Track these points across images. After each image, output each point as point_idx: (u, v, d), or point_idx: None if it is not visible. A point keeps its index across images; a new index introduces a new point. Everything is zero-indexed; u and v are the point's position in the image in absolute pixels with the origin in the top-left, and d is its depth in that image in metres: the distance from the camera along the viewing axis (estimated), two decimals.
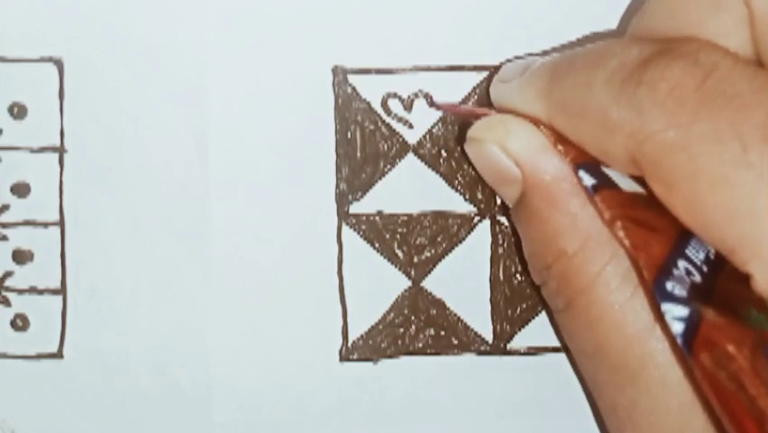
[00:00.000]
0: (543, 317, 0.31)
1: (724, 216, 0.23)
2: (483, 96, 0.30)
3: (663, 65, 0.24)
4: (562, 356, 0.30)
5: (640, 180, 0.25)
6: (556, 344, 0.31)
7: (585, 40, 0.30)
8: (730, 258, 0.23)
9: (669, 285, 0.23)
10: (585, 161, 0.26)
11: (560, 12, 0.30)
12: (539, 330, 0.31)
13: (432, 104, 0.30)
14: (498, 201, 0.31)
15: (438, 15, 0.30)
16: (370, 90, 0.30)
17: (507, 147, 0.27)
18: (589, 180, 0.25)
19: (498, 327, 0.31)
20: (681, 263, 0.24)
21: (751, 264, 0.22)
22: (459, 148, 0.30)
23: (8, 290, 0.30)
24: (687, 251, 0.24)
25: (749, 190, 0.22)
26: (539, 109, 0.26)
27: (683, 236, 0.24)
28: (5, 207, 0.30)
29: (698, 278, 0.24)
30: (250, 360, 0.30)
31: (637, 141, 0.24)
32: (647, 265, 0.24)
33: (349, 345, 0.31)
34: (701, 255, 0.24)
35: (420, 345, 0.31)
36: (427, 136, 0.30)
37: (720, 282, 0.24)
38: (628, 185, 0.25)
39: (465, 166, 0.30)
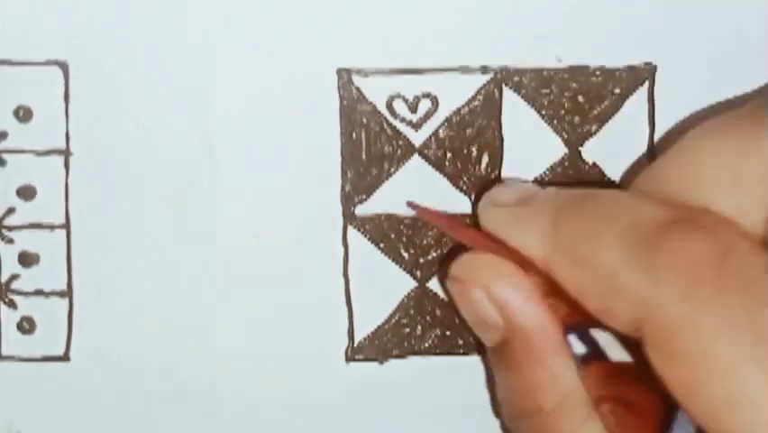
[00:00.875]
0: None
1: (724, 405, 0.22)
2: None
3: (684, 234, 0.23)
4: None
5: (630, 344, 0.24)
6: None
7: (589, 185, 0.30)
8: None
9: None
10: (574, 322, 0.25)
11: (564, 12, 0.30)
12: None
13: (414, 208, 0.30)
14: None
15: (442, 16, 0.30)
16: (375, 92, 0.30)
17: (493, 293, 0.26)
18: (579, 348, 0.25)
19: None
20: None
21: None
22: (464, 150, 0.30)
23: (14, 292, 0.30)
24: None
25: (755, 385, 0.22)
26: (538, 249, 0.26)
27: (667, 418, 0.24)
28: (11, 210, 0.30)
29: None
30: (256, 361, 0.30)
31: (646, 308, 0.23)
32: None
33: (355, 345, 0.31)
34: None
35: (426, 345, 0.31)
36: (433, 138, 0.30)
37: None
38: (616, 352, 0.25)
39: (470, 168, 0.31)
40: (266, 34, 0.30)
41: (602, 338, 0.25)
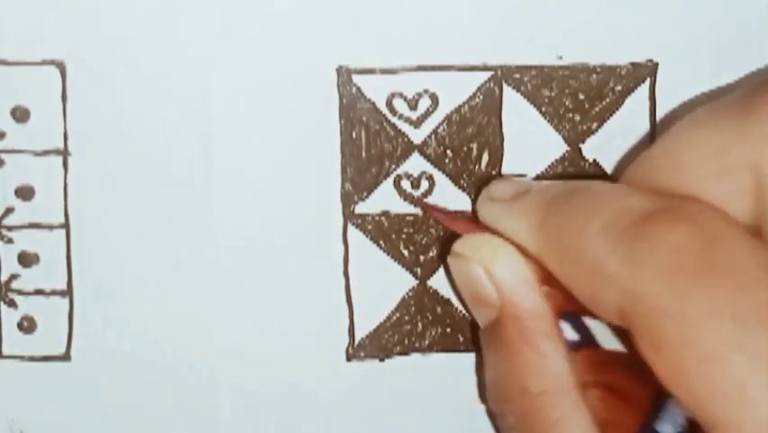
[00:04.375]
0: None
1: (709, 393, 0.22)
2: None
3: (666, 224, 0.23)
4: None
5: (622, 333, 0.25)
6: None
7: (583, 176, 0.30)
8: (709, 431, 0.22)
9: None
10: (567, 309, 0.26)
11: (564, 9, 0.30)
12: None
13: (417, 204, 0.30)
14: None
15: (442, 14, 0.30)
16: (375, 90, 0.30)
17: (492, 271, 0.27)
18: (571, 335, 0.25)
19: None
20: None
21: None
22: (464, 148, 0.30)
23: (15, 292, 0.30)
24: (658, 427, 0.24)
25: (739, 374, 0.22)
26: (530, 243, 0.26)
27: (655, 406, 0.24)
28: (10, 211, 0.30)
29: None
30: (257, 359, 0.31)
31: (630, 298, 0.23)
32: None
33: (356, 343, 0.31)
34: (671, 431, 0.24)
35: (427, 343, 0.31)
36: (432, 136, 0.30)
37: None
38: (608, 341, 0.25)
39: (471, 165, 0.30)
40: (264, 33, 0.30)
41: (596, 327, 0.26)
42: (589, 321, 0.26)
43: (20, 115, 0.30)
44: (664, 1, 0.30)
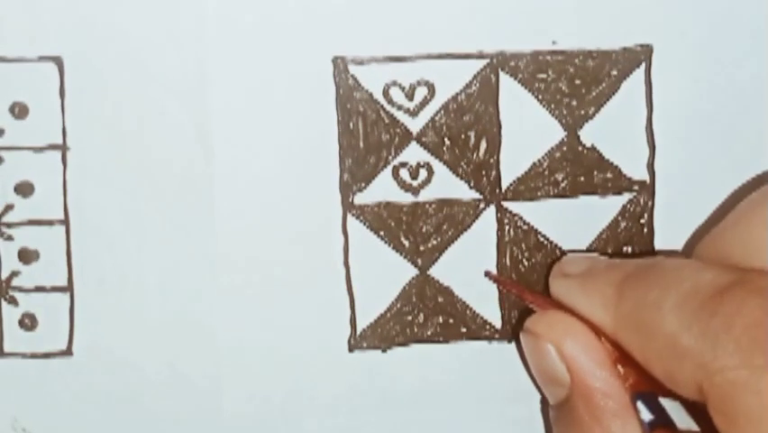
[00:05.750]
0: None
1: None
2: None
3: (740, 298, 0.24)
4: None
5: (699, 409, 0.25)
6: None
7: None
8: None
9: None
10: (643, 389, 0.26)
11: None
12: None
13: (492, 279, 0.31)
14: (503, 188, 0.31)
15: (437, 3, 0.30)
16: (372, 80, 0.30)
17: (563, 350, 0.27)
18: (646, 415, 0.25)
19: (507, 313, 0.31)
20: None
21: None
22: (462, 135, 0.30)
23: (15, 289, 0.30)
24: None
25: None
26: (605, 320, 0.27)
27: None
28: (10, 207, 0.30)
29: None
30: (259, 352, 0.30)
31: (707, 372, 0.24)
32: None
33: (357, 334, 0.31)
34: None
35: (429, 332, 0.31)
36: (430, 125, 0.30)
37: None
38: (684, 421, 0.25)
39: (469, 153, 0.30)
40: (260, 25, 0.30)
41: (671, 408, 0.26)
42: (664, 402, 0.26)
43: (18, 111, 0.30)
44: None
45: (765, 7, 0.30)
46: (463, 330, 0.31)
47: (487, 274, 0.31)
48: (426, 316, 0.31)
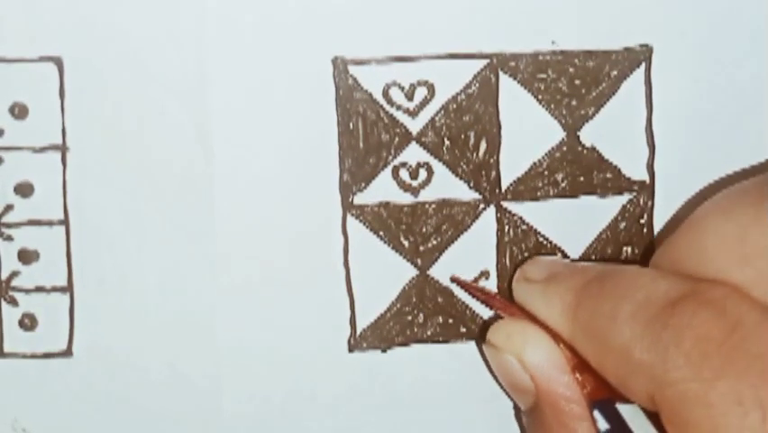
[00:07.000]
0: None
1: None
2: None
3: (691, 311, 0.24)
4: None
5: (657, 418, 0.25)
6: None
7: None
8: None
9: None
10: (600, 397, 0.26)
11: None
12: None
13: (459, 284, 0.31)
14: (503, 188, 0.31)
15: (437, 3, 0.30)
16: (371, 80, 0.30)
17: (524, 360, 0.27)
18: (603, 424, 0.26)
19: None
20: None
21: None
22: (462, 136, 0.30)
23: (15, 289, 0.30)
24: None
25: None
26: (563, 326, 0.27)
27: None
28: (9, 208, 0.30)
29: None
30: (259, 352, 0.30)
31: (659, 385, 0.24)
32: None
33: (357, 335, 0.31)
34: None
35: (428, 333, 0.31)
36: (430, 125, 0.30)
37: None
38: (642, 426, 0.26)
39: (468, 154, 0.30)
40: (260, 26, 0.30)
41: (629, 413, 0.26)
42: (623, 407, 0.26)
43: (18, 111, 0.30)
44: None
45: (765, 7, 0.30)
46: (463, 330, 0.31)
47: (453, 280, 0.31)
48: (426, 316, 0.31)
